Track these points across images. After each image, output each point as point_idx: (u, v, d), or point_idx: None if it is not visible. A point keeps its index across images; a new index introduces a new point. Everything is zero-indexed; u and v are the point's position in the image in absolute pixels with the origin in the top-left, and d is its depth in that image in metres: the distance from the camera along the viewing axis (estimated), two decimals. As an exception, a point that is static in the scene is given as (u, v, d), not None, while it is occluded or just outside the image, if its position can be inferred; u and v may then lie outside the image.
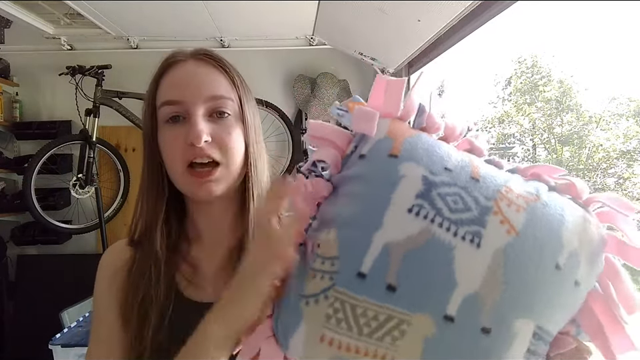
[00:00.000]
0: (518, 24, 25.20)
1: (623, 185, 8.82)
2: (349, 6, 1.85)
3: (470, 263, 0.39)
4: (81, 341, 1.64)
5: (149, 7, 2.07)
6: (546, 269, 0.40)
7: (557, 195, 0.46)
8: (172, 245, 0.63)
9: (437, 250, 0.39)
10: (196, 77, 0.60)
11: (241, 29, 2.41)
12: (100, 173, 2.47)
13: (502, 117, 11.47)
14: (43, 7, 2.12)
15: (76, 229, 2.45)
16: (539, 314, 0.40)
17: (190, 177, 0.58)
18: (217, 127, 0.59)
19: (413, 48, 1.97)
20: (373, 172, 0.43)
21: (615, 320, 0.43)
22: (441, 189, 0.41)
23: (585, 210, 0.46)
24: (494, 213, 0.41)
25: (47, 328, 1.75)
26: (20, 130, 2.55)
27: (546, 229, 0.41)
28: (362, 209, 0.42)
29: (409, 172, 0.42)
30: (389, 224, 0.40)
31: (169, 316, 0.58)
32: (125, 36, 2.49)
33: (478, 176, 0.43)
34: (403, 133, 0.45)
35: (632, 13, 19.29)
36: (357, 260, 0.40)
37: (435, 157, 0.43)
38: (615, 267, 0.45)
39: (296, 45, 2.61)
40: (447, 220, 0.40)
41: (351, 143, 0.47)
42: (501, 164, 0.49)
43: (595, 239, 0.44)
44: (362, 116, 0.45)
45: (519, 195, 0.43)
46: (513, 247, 0.40)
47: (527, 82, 10.96)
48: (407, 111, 0.48)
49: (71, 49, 2.56)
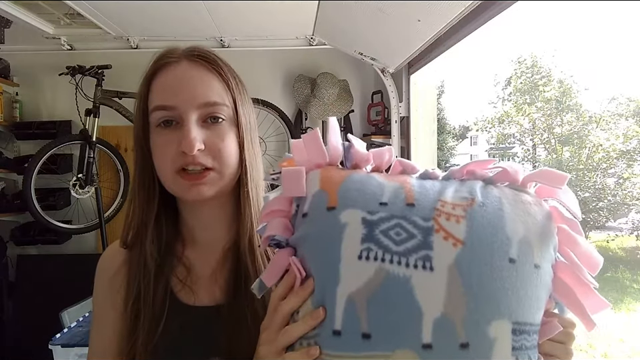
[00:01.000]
0: (518, 24, 25.17)
1: (623, 185, 8.81)
2: (349, 6, 1.85)
3: (429, 288, 0.41)
4: (81, 341, 1.64)
5: (148, 7, 2.07)
6: (501, 267, 0.41)
7: (493, 188, 0.47)
8: (165, 246, 0.62)
9: (395, 286, 0.41)
10: (189, 82, 0.58)
11: (241, 28, 2.41)
12: (100, 173, 2.48)
13: (502, 117, 11.46)
14: (42, 7, 2.12)
15: (76, 229, 2.45)
16: (510, 311, 0.41)
17: (180, 180, 0.57)
18: (210, 133, 0.58)
19: (413, 48, 1.97)
20: (318, 230, 0.46)
21: (583, 283, 0.44)
22: (382, 226, 0.43)
23: (523, 192, 0.47)
24: (436, 231, 0.42)
25: (47, 328, 1.74)
26: (20, 130, 2.55)
27: (489, 228, 0.43)
28: (320, 268, 0.45)
29: (349, 219, 0.44)
30: (346, 276, 0.42)
31: (163, 321, 0.57)
32: (125, 36, 2.49)
33: (412, 200, 0.45)
34: (335, 181, 0.48)
35: (632, 13, 19.26)
36: (330, 319, 0.42)
37: (368, 196, 0.46)
38: (568, 232, 0.46)
39: (296, 45, 2.61)
40: (395, 254, 0.42)
41: (292, 203, 0.50)
42: (435, 174, 0.51)
43: (539, 217, 0.45)
44: (289, 178, 0.48)
45: (454, 204, 0.44)
46: (462, 257, 0.41)
47: (526, 82, 10.96)
48: (333, 155, 0.51)
49: (70, 49, 2.56)
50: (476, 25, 1.52)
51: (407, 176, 0.50)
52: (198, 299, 0.60)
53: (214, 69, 0.60)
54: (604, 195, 8.91)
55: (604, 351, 4.97)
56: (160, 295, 0.59)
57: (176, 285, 0.61)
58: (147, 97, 0.60)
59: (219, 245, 0.63)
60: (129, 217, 0.63)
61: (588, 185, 9.12)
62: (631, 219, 8.95)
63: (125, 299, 0.60)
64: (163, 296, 0.59)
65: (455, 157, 17.12)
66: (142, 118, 0.60)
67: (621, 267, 7.80)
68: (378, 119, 2.55)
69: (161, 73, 0.59)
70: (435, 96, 2.63)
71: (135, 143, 0.62)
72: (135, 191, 0.62)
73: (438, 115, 11.57)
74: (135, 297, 0.59)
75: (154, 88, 0.59)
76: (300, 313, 0.46)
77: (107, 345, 0.61)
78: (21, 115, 2.61)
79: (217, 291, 0.61)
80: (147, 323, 0.57)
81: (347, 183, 0.47)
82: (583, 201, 8.87)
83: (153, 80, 0.60)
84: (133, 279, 0.60)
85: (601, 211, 8.93)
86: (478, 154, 21.50)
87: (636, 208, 8.82)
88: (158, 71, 0.60)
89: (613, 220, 9.16)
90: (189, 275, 0.62)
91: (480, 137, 18.92)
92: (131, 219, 0.62)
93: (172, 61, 0.59)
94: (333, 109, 2.51)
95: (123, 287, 0.61)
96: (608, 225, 9.18)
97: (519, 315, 0.41)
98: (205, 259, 0.63)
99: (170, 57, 0.60)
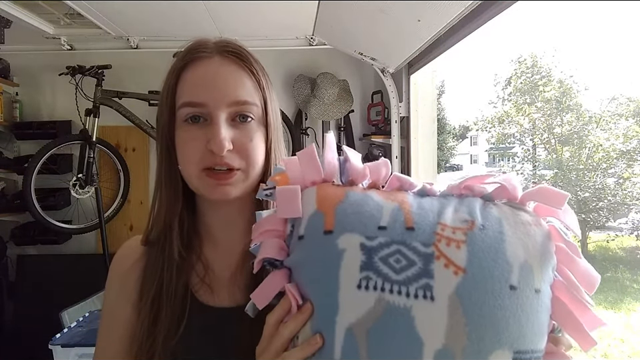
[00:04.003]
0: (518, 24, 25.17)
1: (623, 185, 8.81)
2: (349, 6, 1.85)
3: (430, 318, 0.40)
4: (81, 341, 1.64)
5: (148, 7, 2.07)
6: (502, 295, 0.40)
7: (492, 207, 0.46)
8: (186, 243, 0.61)
9: (395, 317, 0.40)
10: (221, 79, 0.56)
11: (241, 29, 2.40)
12: (100, 173, 2.47)
13: (502, 117, 11.44)
14: (42, 6, 2.12)
15: (76, 229, 2.45)
16: (511, 340, 0.40)
17: (206, 178, 0.55)
18: (238, 133, 0.56)
19: (413, 48, 1.97)
20: (315, 255, 0.45)
21: (581, 303, 0.44)
22: (381, 252, 0.42)
23: (522, 210, 0.46)
24: (436, 258, 0.41)
25: (46, 328, 1.74)
26: (20, 130, 2.55)
27: (490, 253, 0.42)
28: (318, 296, 0.44)
29: (347, 244, 0.43)
30: (345, 306, 0.41)
31: (185, 321, 0.56)
32: (125, 36, 2.49)
33: (412, 223, 0.44)
34: (332, 202, 0.46)
35: (632, 13, 19.26)
36: (329, 349, 0.41)
37: (366, 219, 0.44)
38: (565, 251, 0.45)
39: (296, 45, 2.60)
40: (395, 283, 0.41)
41: (287, 223, 0.48)
42: (433, 190, 0.49)
43: (539, 238, 0.44)
44: (284, 199, 0.47)
45: (454, 228, 0.43)
46: (464, 286, 0.40)
47: (526, 82, 10.94)
48: (329, 172, 0.49)
49: (70, 49, 2.56)
50: (476, 25, 1.52)
51: (405, 193, 0.49)
52: (218, 300, 0.59)
53: (246, 67, 0.58)
54: (604, 195, 8.89)
55: (604, 351, 4.97)
56: (180, 293, 0.57)
57: (195, 284, 0.60)
58: (174, 91, 0.57)
59: (238, 246, 0.61)
60: (153, 214, 0.61)
61: (588, 185, 9.11)
62: (631, 218, 8.94)
63: (141, 294, 0.59)
64: (184, 294, 0.57)
65: (455, 156, 17.13)
66: (168, 113, 0.58)
67: (621, 267, 7.80)
68: (378, 119, 2.55)
69: (191, 67, 0.57)
70: (435, 96, 2.63)
71: (160, 139, 0.60)
72: (159, 188, 0.61)
73: (438, 115, 11.55)
74: (155, 294, 0.57)
75: (183, 82, 0.57)
76: (299, 339, 0.45)
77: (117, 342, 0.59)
78: (21, 115, 2.61)
79: (236, 292, 0.59)
80: (167, 322, 0.56)
81: (344, 203, 0.46)
82: (583, 200, 8.86)
83: (182, 74, 0.57)
84: (151, 275, 0.59)
85: (601, 210, 8.92)
86: (478, 154, 21.51)
87: (636, 208, 8.81)
88: (188, 64, 0.57)
89: (613, 220, 9.14)
90: (207, 274, 0.61)
91: (480, 136, 18.91)
92: (156, 216, 0.61)
93: (204, 56, 0.57)
94: (333, 109, 2.51)
95: (138, 283, 0.60)
96: (608, 225, 9.16)
97: (521, 344, 0.41)
98: (224, 259, 0.62)
99: (202, 52, 0.57)
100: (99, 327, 0.63)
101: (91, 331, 1.74)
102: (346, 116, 2.62)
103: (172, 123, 0.58)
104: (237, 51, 0.59)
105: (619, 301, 6.44)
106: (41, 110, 2.65)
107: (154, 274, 0.59)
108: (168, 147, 0.59)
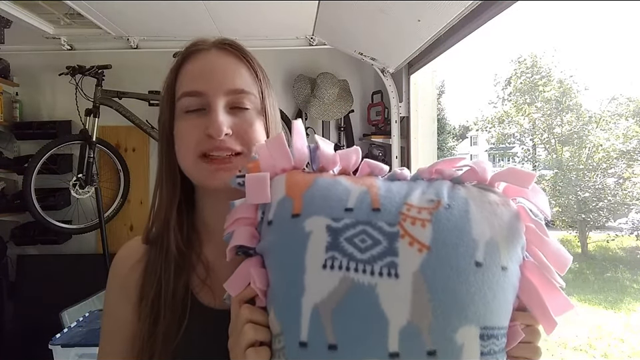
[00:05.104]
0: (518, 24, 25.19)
1: (623, 185, 8.80)
2: (349, 6, 1.85)
3: (395, 296, 0.40)
4: (81, 341, 1.64)
5: (148, 7, 2.07)
6: (467, 271, 0.41)
7: (460, 188, 0.47)
8: (185, 240, 0.60)
9: (360, 295, 0.40)
10: (218, 68, 0.57)
11: (241, 29, 2.40)
12: (100, 173, 2.47)
13: (502, 117, 11.44)
14: (42, 6, 2.12)
15: (76, 229, 2.45)
16: (477, 316, 0.40)
17: (203, 163, 0.55)
18: (238, 119, 0.57)
19: (412, 48, 1.97)
20: (282, 239, 0.45)
21: (550, 283, 0.44)
22: (347, 233, 0.42)
23: (490, 191, 0.47)
24: (401, 237, 0.41)
25: (46, 328, 1.75)
26: (20, 130, 2.55)
27: (454, 231, 0.42)
28: (284, 279, 0.44)
29: (313, 226, 0.43)
30: (310, 286, 0.42)
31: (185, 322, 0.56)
32: (125, 36, 2.49)
33: (378, 204, 0.44)
34: (300, 187, 0.47)
35: (632, 13, 19.27)
36: (296, 331, 0.42)
37: (333, 202, 0.45)
38: (535, 231, 0.45)
39: (296, 45, 2.60)
40: (360, 262, 0.41)
41: (257, 210, 0.49)
42: (403, 175, 0.50)
43: (506, 218, 0.44)
44: (253, 185, 0.47)
45: (420, 208, 0.43)
46: (428, 263, 0.40)
47: (526, 82, 10.93)
48: (299, 159, 0.50)
49: (70, 49, 2.56)
50: (476, 25, 1.52)
51: (375, 178, 0.49)
52: (219, 301, 0.58)
53: (243, 58, 0.60)
54: (604, 195, 8.90)
55: (604, 351, 4.97)
56: (180, 295, 0.57)
57: (196, 285, 0.59)
58: (174, 84, 0.59)
59: None
60: (153, 212, 0.61)
61: (588, 185, 9.11)
62: (631, 218, 8.93)
63: (141, 295, 0.59)
64: (184, 295, 0.57)
65: (455, 157, 17.08)
66: (168, 107, 0.59)
67: (621, 267, 7.80)
68: (378, 119, 2.55)
69: (189, 61, 0.58)
70: (435, 96, 2.63)
71: (161, 135, 0.60)
72: (160, 185, 0.61)
73: (438, 115, 11.56)
74: (155, 295, 0.57)
75: (182, 75, 0.58)
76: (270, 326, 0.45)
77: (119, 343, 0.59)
78: (21, 115, 2.61)
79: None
80: (167, 323, 0.55)
81: (312, 188, 0.46)
82: (583, 200, 8.86)
83: (181, 68, 0.59)
84: (151, 275, 0.58)
85: (601, 210, 8.92)
86: (478, 154, 21.50)
87: (636, 208, 8.81)
88: (187, 58, 0.59)
89: (613, 220, 9.14)
90: (208, 275, 0.60)
91: (480, 136, 18.89)
92: (156, 212, 0.61)
93: (201, 49, 0.59)
94: (333, 109, 2.51)
95: (139, 284, 0.60)
96: (608, 225, 9.17)
97: (487, 320, 0.41)
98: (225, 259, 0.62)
99: (199, 45, 0.59)
100: (101, 328, 0.63)
101: (91, 330, 1.74)
102: (346, 116, 2.62)
103: (172, 117, 0.59)
104: (234, 44, 0.61)
105: (619, 300, 6.44)
106: (41, 110, 2.65)
107: (154, 274, 0.59)
108: (168, 141, 0.59)
